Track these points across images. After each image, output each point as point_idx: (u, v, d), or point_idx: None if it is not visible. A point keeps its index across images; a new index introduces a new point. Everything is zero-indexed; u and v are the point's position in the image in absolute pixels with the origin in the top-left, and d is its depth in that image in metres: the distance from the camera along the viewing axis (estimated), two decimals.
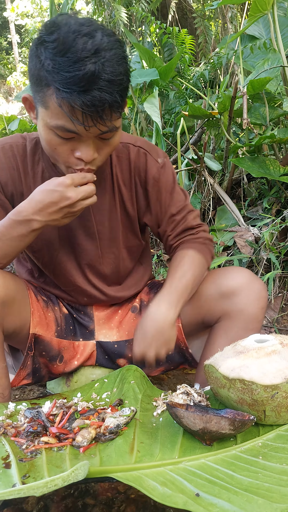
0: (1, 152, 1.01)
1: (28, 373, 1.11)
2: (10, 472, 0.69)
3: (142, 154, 1.07)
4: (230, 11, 4.02)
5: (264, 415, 0.78)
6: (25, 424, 0.83)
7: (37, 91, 0.83)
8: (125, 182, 1.08)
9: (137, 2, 4.38)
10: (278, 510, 0.59)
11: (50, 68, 0.77)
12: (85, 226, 1.08)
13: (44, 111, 0.83)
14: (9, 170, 1.01)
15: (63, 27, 0.77)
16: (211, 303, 1.09)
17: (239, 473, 0.68)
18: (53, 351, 1.13)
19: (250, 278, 1.06)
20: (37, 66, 0.80)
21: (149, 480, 0.66)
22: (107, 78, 0.76)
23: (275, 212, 1.92)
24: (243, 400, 0.79)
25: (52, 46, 0.76)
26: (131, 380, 1.00)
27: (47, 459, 0.73)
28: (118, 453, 0.75)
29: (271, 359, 0.79)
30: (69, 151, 0.86)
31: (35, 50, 0.81)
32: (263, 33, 2.38)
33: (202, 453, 0.75)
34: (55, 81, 0.77)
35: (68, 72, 0.75)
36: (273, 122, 2.03)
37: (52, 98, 0.79)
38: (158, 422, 0.86)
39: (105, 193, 1.07)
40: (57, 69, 0.76)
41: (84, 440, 0.77)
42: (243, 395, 0.78)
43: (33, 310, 1.10)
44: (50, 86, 0.79)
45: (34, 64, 0.81)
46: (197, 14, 4.55)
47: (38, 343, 1.10)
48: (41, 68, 0.79)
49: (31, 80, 0.85)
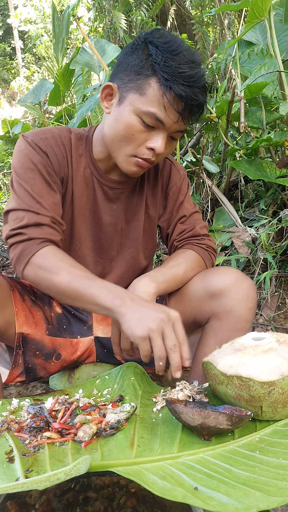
0: (52, 140, 1.02)
1: (21, 371, 1.10)
2: (13, 466, 0.69)
3: (168, 163, 1.18)
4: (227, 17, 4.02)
5: (261, 411, 0.78)
6: (28, 420, 0.83)
7: (132, 79, 0.91)
8: (151, 186, 1.16)
9: (137, 9, 4.38)
10: (275, 503, 0.59)
11: (161, 61, 0.87)
12: (115, 224, 1.11)
13: (137, 97, 0.90)
14: (60, 157, 1.02)
15: (168, 36, 0.91)
16: (200, 304, 1.08)
17: (237, 467, 0.68)
18: (47, 348, 1.12)
19: (238, 278, 1.05)
20: (141, 57, 0.90)
21: (149, 474, 0.66)
22: (203, 85, 0.91)
23: (271, 213, 1.92)
24: (240, 396, 0.79)
25: (164, 47, 0.88)
26: (131, 377, 1.00)
27: (49, 453, 0.73)
28: (119, 448, 0.75)
29: (268, 356, 0.79)
30: (144, 140, 0.93)
31: (141, 46, 0.91)
32: (260, 39, 2.38)
33: (200, 448, 0.75)
34: (165, 72, 0.87)
35: (179, 68, 0.87)
36: (270, 125, 2.03)
37: (153, 86, 0.89)
38: (157, 417, 0.86)
39: (134, 195, 1.13)
40: (168, 63, 0.87)
41: (85, 435, 0.77)
42: (240, 391, 0.78)
43: (17, 310, 1.07)
44: (155, 76, 0.88)
45: (136, 57, 0.91)
46: (196, 20, 4.55)
47: (29, 342, 1.09)
48: (148, 59, 0.89)
49: (124, 71, 0.93)
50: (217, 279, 1.06)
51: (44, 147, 1.00)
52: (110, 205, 1.10)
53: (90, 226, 1.10)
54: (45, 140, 1.01)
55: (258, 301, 1.73)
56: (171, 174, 1.17)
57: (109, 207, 1.10)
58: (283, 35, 2.17)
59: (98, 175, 1.07)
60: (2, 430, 0.80)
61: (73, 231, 1.09)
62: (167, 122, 0.91)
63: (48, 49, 9.76)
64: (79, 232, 1.09)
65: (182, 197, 1.18)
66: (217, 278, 1.06)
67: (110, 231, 1.11)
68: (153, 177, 1.16)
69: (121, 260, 1.16)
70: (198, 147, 2.46)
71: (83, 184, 1.06)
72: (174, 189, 1.17)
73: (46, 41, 10.44)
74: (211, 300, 1.06)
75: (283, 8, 2.34)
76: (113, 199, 1.10)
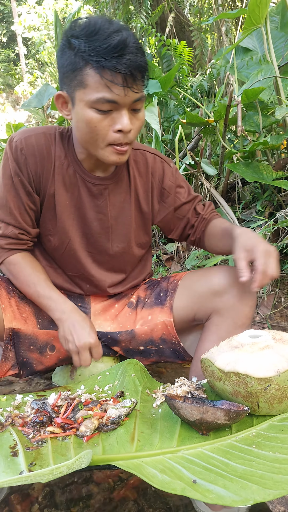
0: (34, 139, 1.02)
1: (13, 364, 1.10)
2: (17, 460, 0.69)
3: (158, 161, 1.17)
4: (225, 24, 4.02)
5: (258, 406, 0.78)
6: (32, 415, 0.83)
7: (72, 79, 0.90)
8: (142, 183, 1.15)
9: (137, 17, 4.38)
10: (271, 496, 0.59)
11: (85, 48, 0.85)
12: (101, 219, 1.11)
13: (83, 92, 0.89)
14: (40, 158, 1.03)
15: (85, 22, 0.88)
16: (203, 300, 1.09)
17: (234, 461, 0.68)
18: (40, 342, 1.12)
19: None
20: (70, 55, 0.88)
21: (149, 467, 0.66)
22: (134, 45, 0.86)
23: (268, 215, 1.92)
24: (237, 392, 0.79)
25: (83, 33, 0.86)
26: (131, 373, 1.00)
27: (52, 448, 0.73)
28: (120, 442, 0.75)
29: (264, 353, 0.79)
30: (108, 127, 0.91)
31: (66, 44, 0.89)
32: (257, 46, 2.38)
33: (199, 442, 0.75)
34: (92, 56, 0.85)
35: (103, 45, 0.84)
36: (266, 129, 2.03)
37: (90, 74, 0.87)
38: (157, 413, 0.86)
39: (121, 192, 1.12)
40: (92, 46, 0.85)
41: (87, 430, 0.77)
42: (237, 387, 0.78)
43: (4, 306, 1.08)
44: (87, 64, 0.86)
45: (67, 57, 0.89)
46: (194, 27, 4.55)
47: (21, 337, 1.10)
48: (76, 54, 0.87)
49: (64, 74, 0.92)
50: (220, 278, 1.07)
51: (25, 149, 1.01)
52: (94, 201, 1.09)
53: (76, 221, 1.10)
54: (28, 139, 1.01)
55: None
56: (164, 171, 1.17)
57: (94, 203, 1.09)
58: (279, 41, 2.17)
59: (82, 172, 1.07)
60: (6, 425, 0.80)
61: (59, 226, 1.09)
62: (118, 99, 0.88)
63: (51, 55, 9.75)
64: (65, 227, 1.09)
65: (180, 186, 1.19)
66: (220, 276, 1.08)
67: (96, 226, 1.11)
68: (144, 174, 1.15)
69: (112, 253, 1.15)
70: (197, 150, 2.46)
71: (66, 182, 1.06)
72: (169, 185, 1.17)
73: (49, 48, 10.43)
74: (213, 297, 1.07)
75: (279, 15, 2.34)
76: (97, 195, 1.09)
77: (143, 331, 1.15)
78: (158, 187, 1.17)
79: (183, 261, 2.07)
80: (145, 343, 1.16)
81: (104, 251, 1.14)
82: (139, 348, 1.17)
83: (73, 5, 11.13)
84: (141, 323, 1.16)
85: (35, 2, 11.76)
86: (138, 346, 1.17)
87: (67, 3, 11.40)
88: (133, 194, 1.14)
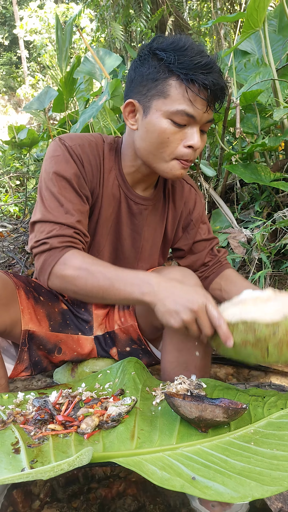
0: (89, 148, 0.98)
1: (26, 366, 1.09)
2: (19, 457, 0.69)
3: (193, 192, 1.19)
4: (224, 28, 4.02)
5: (267, 353, 0.77)
6: (33, 413, 0.83)
7: (151, 88, 0.89)
8: (173, 209, 1.15)
9: (137, 20, 4.38)
10: (268, 492, 0.59)
11: (174, 60, 0.86)
12: (134, 238, 1.10)
13: (162, 101, 0.89)
14: (94, 167, 0.99)
15: (170, 38, 0.90)
16: (148, 310, 1.03)
17: (233, 458, 0.68)
18: (50, 344, 1.12)
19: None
20: (154, 64, 0.89)
21: (149, 464, 0.66)
22: (218, 69, 0.89)
23: (266, 215, 1.92)
24: (246, 341, 0.77)
25: (171, 47, 0.87)
26: (132, 371, 1.00)
27: (53, 445, 0.73)
28: (120, 440, 0.75)
29: (268, 304, 0.79)
30: (180, 140, 0.91)
31: (149, 55, 0.90)
32: (255, 49, 2.38)
33: (198, 439, 0.75)
34: (180, 68, 0.85)
35: (193, 60, 0.85)
36: (264, 131, 2.03)
37: (174, 86, 0.87)
38: (157, 410, 0.86)
39: (157, 214, 1.12)
40: (181, 60, 0.85)
41: (88, 428, 0.77)
42: (246, 335, 0.77)
43: (23, 308, 1.06)
44: (173, 75, 0.87)
45: (149, 66, 0.89)
46: (193, 31, 4.55)
47: (34, 338, 1.09)
48: (160, 64, 0.88)
49: (141, 83, 0.92)
50: None
51: (80, 155, 0.96)
52: (132, 219, 1.08)
53: (111, 236, 1.08)
54: (83, 147, 0.97)
55: None
56: (196, 202, 1.18)
57: (131, 221, 1.08)
58: (277, 44, 2.17)
59: (125, 188, 1.05)
60: (8, 422, 0.80)
61: (94, 240, 1.07)
62: (197, 115, 0.88)
63: (52, 58, 9.74)
64: (99, 241, 1.07)
65: (204, 223, 1.20)
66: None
67: (128, 244, 1.10)
68: (179, 202, 1.15)
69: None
70: None
71: (110, 195, 1.03)
72: (197, 217, 1.18)
73: (50, 51, 10.43)
74: None
75: (277, 19, 2.34)
76: (136, 214, 1.07)
77: (120, 332, 1.16)
78: (187, 218, 1.17)
79: None
80: (129, 343, 1.16)
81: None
82: (125, 349, 1.17)
83: (74, 9, 11.13)
84: (118, 323, 1.16)
85: (36, 6, 11.75)
86: (124, 348, 1.17)
87: (68, 7, 11.40)
88: (165, 219, 1.14)
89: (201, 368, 1.00)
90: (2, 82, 14.96)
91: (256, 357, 0.78)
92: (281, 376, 1.43)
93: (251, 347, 0.78)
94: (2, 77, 15.19)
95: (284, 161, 1.92)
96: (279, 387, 1.23)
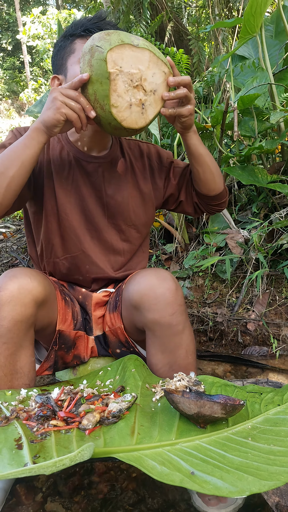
0: (29, 127, 1.05)
1: (50, 365, 1.10)
2: (22, 452, 0.69)
3: (152, 146, 1.22)
4: (222, 33, 4.01)
5: (106, 64, 0.81)
6: (36, 409, 0.83)
7: (63, 55, 1.03)
8: (138, 164, 1.17)
9: (137, 26, 4.37)
10: (266, 487, 0.59)
11: (74, 28, 1.02)
12: (96, 196, 1.11)
13: (72, 56, 1.01)
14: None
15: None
16: (131, 313, 1.06)
17: (231, 453, 0.68)
18: (70, 342, 1.13)
19: (152, 286, 0.97)
20: (62, 42, 1.04)
21: (149, 460, 0.66)
22: (105, 17, 1.04)
23: (263, 216, 1.91)
24: (89, 63, 0.84)
25: (72, 24, 1.03)
26: (132, 368, 0.99)
27: (55, 440, 0.73)
28: (120, 435, 0.75)
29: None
30: None
31: (61, 40, 1.04)
32: (252, 53, 2.37)
33: (196, 435, 0.74)
34: (77, 29, 1.01)
35: (84, 21, 1.02)
36: (261, 134, 2.03)
37: (78, 42, 1.01)
38: (156, 407, 0.86)
39: (116, 171, 1.13)
40: (77, 25, 1.02)
41: (89, 423, 0.77)
42: (84, 58, 0.85)
43: (59, 308, 1.09)
44: (75, 38, 1.02)
45: (59, 46, 1.04)
46: (192, 36, 4.54)
47: (60, 337, 1.10)
48: (65, 37, 1.03)
49: (56, 61, 1.06)
50: (134, 290, 1.01)
51: (20, 130, 1.06)
52: (89, 178, 1.10)
53: (74, 198, 1.10)
54: (25, 127, 1.07)
55: (251, 298, 1.73)
56: (159, 152, 1.21)
57: (88, 179, 1.10)
58: (273, 49, 2.16)
59: (76, 152, 1.09)
60: (11, 418, 0.80)
61: (57, 203, 1.09)
62: None
63: None
64: (63, 204, 1.09)
65: (173, 161, 1.22)
66: (134, 288, 1.02)
67: (92, 203, 1.11)
68: (139, 157, 1.18)
69: (110, 231, 1.14)
70: None
71: (59, 160, 1.09)
72: (167, 161, 1.20)
73: None
74: (136, 311, 1.02)
75: (274, 24, 2.34)
76: (91, 172, 1.10)
77: (111, 334, 1.16)
78: (160, 168, 1.19)
79: (182, 261, 2.07)
80: (118, 345, 1.16)
81: (101, 228, 1.13)
82: (116, 351, 1.16)
83: (75, 15, 11.12)
84: (109, 325, 1.16)
85: (39, 12, 11.74)
86: (115, 349, 1.16)
87: (70, 13, 11.39)
88: (130, 174, 1.15)
89: (185, 367, 1.00)
90: (5, 86, 14.95)
91: (99, 58, 0.80)
92: (278, 373, 1.43)
93: (93, 60, 0.81)
94: (6, 81, 15.18)
95: (281, 164, 1.92)
96: (276, 384, 1.23)
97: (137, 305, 1.00)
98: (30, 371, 0.96)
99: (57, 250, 1.13)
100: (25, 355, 0.94)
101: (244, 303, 1.73)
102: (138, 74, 0.83)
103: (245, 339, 1.64)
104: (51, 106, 0.87)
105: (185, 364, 1.00)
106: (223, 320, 1.68)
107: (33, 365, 0.98)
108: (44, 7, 13.76)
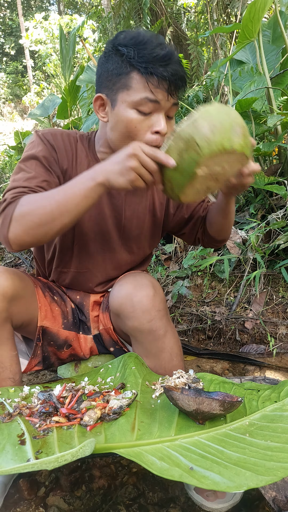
0: (60, 136, 1.03)
1: (39, 361, 1.10)
2: (25, 448, 0.69)
3: None
4: (220, 38, 4.01)
5: (199, 147, 0.73)
6: (38, 405, 0.83)
7: (116, 82, 0.90)
8: (159, 191, 1.14)
9: None
10: (263, 482, 0.59)
11: (134, 54, 0.86)
12: (116, 217, 1.10)
13: (126, 93, 0.89)
14: (67, 151, 1.03)
15: (131, 33, 0.90)
16: (115, 319, 1.08)
17: (229, 449, 0.68)
18: (60, 340, 1.12)
19: (129, 294, 0.97)
20: (117, 60, 0.89)
21: (149, 455, 0.66)
22: (177, 60, 0.89)
23: (260, 217, 1.91)
24: (180, 150, 0.74)
25: (132, 42, 0.88)
26: (132, 366, 0.99)
27: (58, 436, 0.73)
28: (121, 431, 0.75)
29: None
30: (147, 127, 0.90)
31: (112, 51, 0.91)
32: (250, 58, 2.37)
33: (195, 431, 0.74)
34: (140, 62, 0.86)
35: (151, 54, 0.86)
36: (259, 137, 2.03)
37: (136, 78, 0.88)
38: (156, 403, 0.86)
39: (137, 195, 1.12)
40: (141, 54, 0.86)
41: (90, 420, 0.77)
42: (177, 144, 0.75)
43: (40, 305, 1.08)
44: (133, 70, 0.87)
45: (113, 62, 0.90)
46: (191, 41, 4.54)
47: (46, 334, 1.10)
48: (123, 60, 0.88)
49: (107, 78, 0.92)
50: (113, 298, 1.02)
51: (51, 141, 1.00)
52: (111, 199, 1.09)
53: (93, 218, 1.08)
54: (54, 135, 1.01)
55: (248, 297, 1.73)
56: None
57: (110, 201, 1.09)
58: (271, 54, 2.16)
59: None
60: (14, 415, 0.80)
61: (78, 222, 1.07)
62: (161, 100, 0.88)
63: (56, 67, 9.73)
64: (82, 222, 1.08)
65: None
66: (112, 295, 1.03)
67: (110, 224, 1.10)
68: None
69: (122, 252, 1.14)
70: None
71: None
72: None
73: (54, 60, 10.42)
74: (118, 318, 1.03)
75: (271, 29, 2.34)
76: (114, 195, 1.09)
77: (105, 332, 1.16)
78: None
79: (181, 261, 2.07)
80: (112, 344, 1.16)
81: (114, 249, 1.13)
82: (110, 349, 1.17)
83: (77, 20, 11.13)
84: (103, 324, 1.16)
85: (41, 17, 11.74)
86: (109, 348, 1.17)
87: (71, 18, 11.39)
88: (150, 200, 1.14)
89: (171, 370, 1.00)
90: (8, 90, 14.95)
91: (193, 158, 0.73)
92: (275, 370, 1.43)
93: (186, 154, 0.74)
94: (9, 85, 15.18)
95: (278, 166, 1.92)
96: (273, 381, 1.23)
97: (117, 313, 1.01)
98: (12, 365, 0.96)
99: (67, 263, 1.14)
100: (4, 350, 0.95)
101: (242, 302, 1.73)
102: (221, 172, 0.78)
103: (243, 337, 1.64)
104: (124, 163, 0.79)
105: (170, 367, 1.00)
106: (221, 318, 1.68)
107: (15, 359, 0.98)
108: (46, 12, 13.76)
